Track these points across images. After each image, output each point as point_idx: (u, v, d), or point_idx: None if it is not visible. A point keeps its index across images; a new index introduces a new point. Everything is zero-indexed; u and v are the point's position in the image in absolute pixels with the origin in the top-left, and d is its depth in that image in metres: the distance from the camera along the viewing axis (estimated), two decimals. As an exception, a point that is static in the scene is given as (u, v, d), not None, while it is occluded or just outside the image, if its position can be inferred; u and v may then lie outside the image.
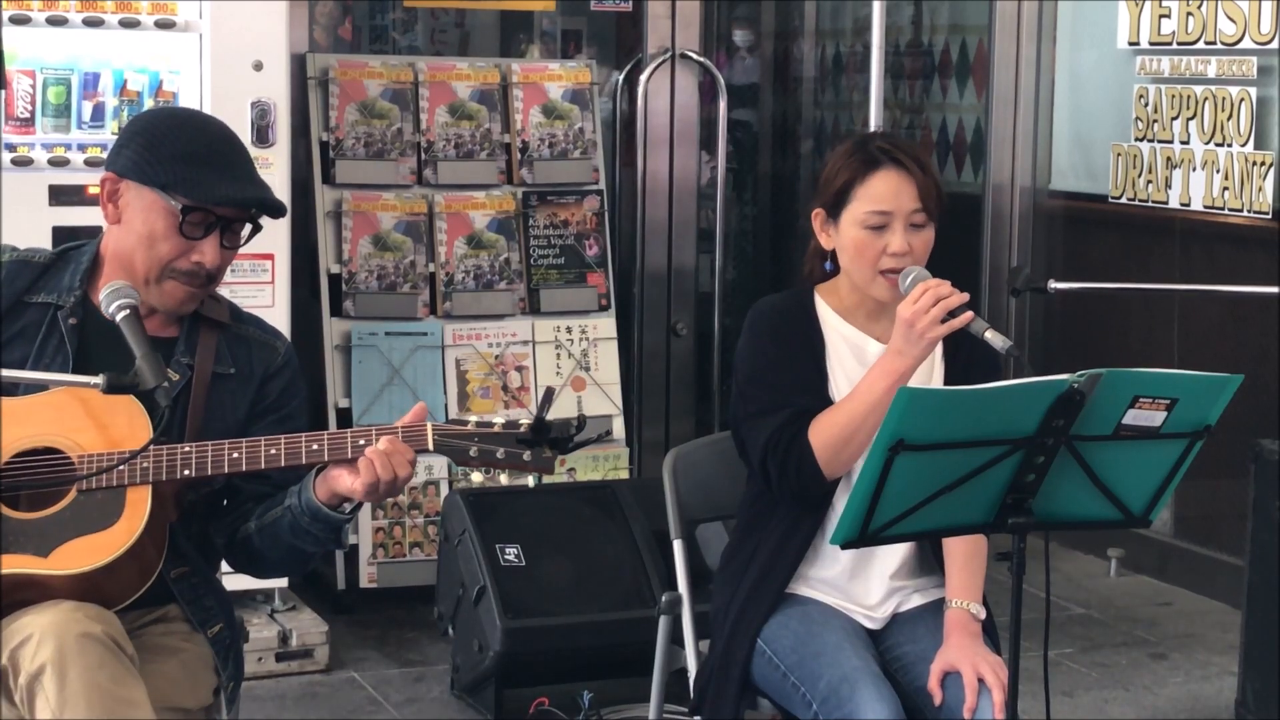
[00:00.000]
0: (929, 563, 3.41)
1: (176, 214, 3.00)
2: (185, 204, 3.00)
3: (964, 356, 3.36)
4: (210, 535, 3.16)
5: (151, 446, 2.88)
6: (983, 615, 3.30)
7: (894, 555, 3.36)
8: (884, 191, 3.29)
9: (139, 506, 2.90)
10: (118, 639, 2.84)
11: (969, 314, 3.14)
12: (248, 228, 3.09)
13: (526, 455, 2.92)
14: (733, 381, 3.41)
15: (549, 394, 2.94)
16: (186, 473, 2.91)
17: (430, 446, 2.91)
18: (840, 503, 3.31)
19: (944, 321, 3.14)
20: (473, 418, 2.95)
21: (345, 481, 2.92)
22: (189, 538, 3.09)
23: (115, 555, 2.88)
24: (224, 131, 3.16)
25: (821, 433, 3.24)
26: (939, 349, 3.36)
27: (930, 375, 3.38)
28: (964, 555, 3.32)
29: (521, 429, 2.92)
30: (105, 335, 3.05)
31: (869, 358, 3.34)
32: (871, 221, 3.29)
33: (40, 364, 3.03)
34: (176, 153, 3.01)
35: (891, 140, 3.40)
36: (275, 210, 3.10)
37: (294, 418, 3.17)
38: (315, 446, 2.93)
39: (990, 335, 3.11)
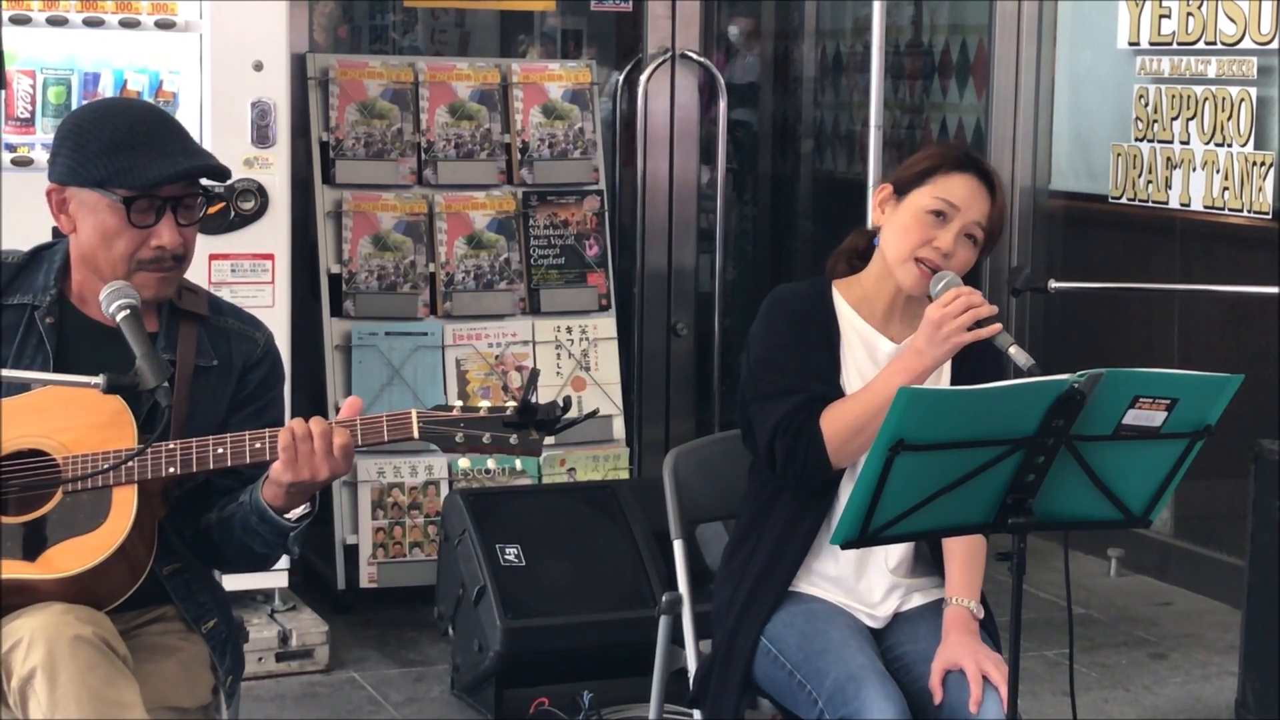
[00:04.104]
0: (929, 560, 3.41)
1: (120, 207, 2.97)
2: (125, 195, 2.97)
3: (970, 365, 3.36)
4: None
5: (137, 446, 2.88)
6: (981, 614, 3.31)
7: (894, 550, 3.37)
8: (962, 191, 3.32)
9: (125, 506, 2.89)
10: (109, 640, 2.83)
11: (997, 325, 3.15)
12: (200, 201, 3.05)
13: (513, 439, 2.88)
14: (744, 362, 3.41)
15: (533, 376, 2.91)
16: (172, 470, 2.90)
17: (415, 434, 2.87)
18: (845, 496, 3.32)
19: (970, 329, 3.15)
20: (457, 403, 2.92)
21: (275, 467, 2.90)
22: (179, 534, 3.08)
23: (104, 557, 2.87)
24: (149, 111, 3.13)
25: (834, 421, 3.25)
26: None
27: (938, 381, 3.38)
28: (964, 554, 3.33)
29: (507, 412, 2.87)
30: (83, 333, 3.05)
31: (880, 356, 3.35)
32: (936, 207, 3.30)
33: (20, 365, 3.01)
34: (103, 146, 2.98)
35: (990, 165, 3.43)
36: (217, 175, 3.04)
37: (269, 410, 3.14)
38: None
39: (1014, 351, 3.12)
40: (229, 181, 3.43)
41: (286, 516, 2.95)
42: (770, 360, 3.35)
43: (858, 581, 3.37)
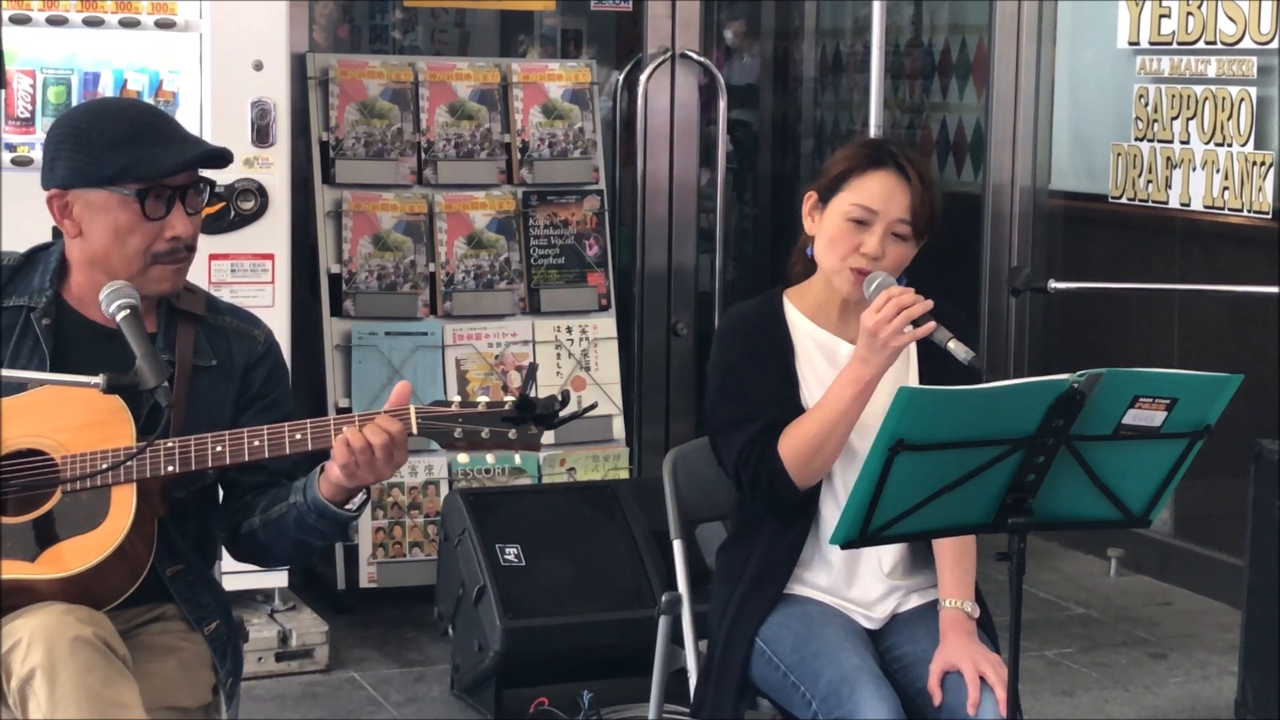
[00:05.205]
0: (925, 561, 3.40)
1: (133, 201, 2.97)
2: (138, 188, 2.97)
3: (937, 356, 3.34)
4: (207, 531, 3.16)
5: (135, 445, 2.88)
6: (977, 613, 3.30)
7: (888, 554, 3.36)
8: (877, 191, 3.28)
9: (124, 505, 2.89)
10: (109, 641, 2.83)
11: (931, 324, 3.14)
12: (203, 190, 3.06)
13: (512, 434, 2.87)
14: (706, 391, 3.42)
15: (531, 370, 2.91)
16: (170, 469, 2.90)
17: (414, 430, 2.88)
18: (826, 506, 3.33)
19: (907, 330, 3.14)
20: (455, 398, 2.92)
21: (334, 471, 2.92)
22: (184, 535, 3.08)
23: (103, 556, 2.87)
24: (142, 105, 3.17)
25: (791, 444, 3.24)
26: (912, 350, 3.36)
27: (906, 376, 3.37)
28: (953, 555, 3.32)
29: (505, 407, 2.87)
30: (80, 334, 3.05)
31: (840, 360, 3.33)
32: (855, 214, 3.28)
33: (17, 366, 3.01)
34: (108, 143, 2.98)
35: (904, 149, 3.37)
36: (221, 160, 3.05)
37: (279, 404, 3.15)
38: (299, 435, 2.91)
39: (953, 345, 3.11)
40: (229, 181, 3.44)
41: (346, 507, 2.97)
42: (727, 388, 3.34)
43: (848, 590, 3.37)
